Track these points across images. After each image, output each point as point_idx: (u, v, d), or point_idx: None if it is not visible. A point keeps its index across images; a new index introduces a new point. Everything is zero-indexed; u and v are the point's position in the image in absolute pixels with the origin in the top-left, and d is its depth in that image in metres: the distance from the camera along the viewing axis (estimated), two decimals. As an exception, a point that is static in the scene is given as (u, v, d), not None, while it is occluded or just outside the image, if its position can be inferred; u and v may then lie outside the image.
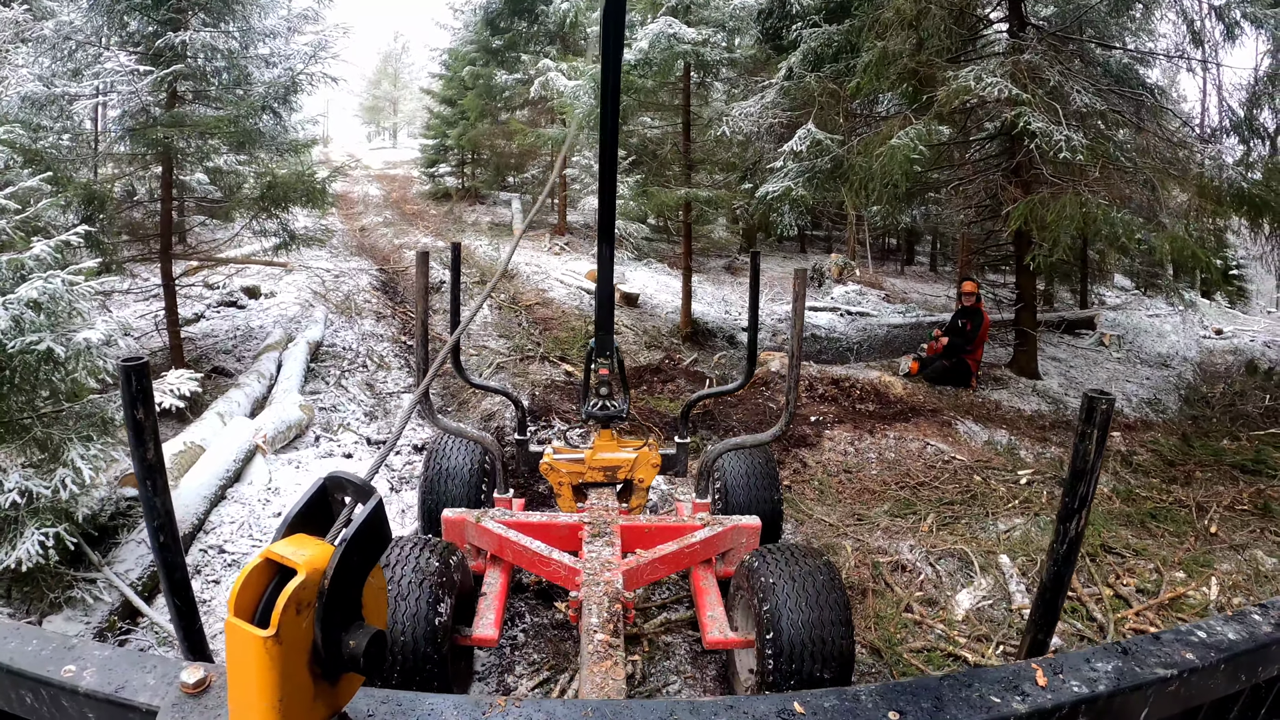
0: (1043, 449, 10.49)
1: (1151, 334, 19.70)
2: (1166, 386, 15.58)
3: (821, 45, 13.51)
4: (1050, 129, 10.62)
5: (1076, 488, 2.22)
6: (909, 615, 6.47)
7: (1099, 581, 7.08)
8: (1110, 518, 8.41)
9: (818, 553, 4.67)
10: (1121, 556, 7.63)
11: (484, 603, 4.89)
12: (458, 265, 6.10)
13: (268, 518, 7.23)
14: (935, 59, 12.05)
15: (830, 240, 29.48)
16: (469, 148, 29.21)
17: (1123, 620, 6.56)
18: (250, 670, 1.22)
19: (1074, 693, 1.38)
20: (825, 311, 18.53)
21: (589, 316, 15.07)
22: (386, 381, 11.51)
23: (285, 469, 8.22)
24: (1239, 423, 12.92)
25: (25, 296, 5.10)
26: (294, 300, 14.45)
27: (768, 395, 11.83)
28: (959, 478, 9.39)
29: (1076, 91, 11.50)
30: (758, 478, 6.37)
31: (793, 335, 4.79)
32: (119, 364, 2.05)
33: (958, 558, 7.39)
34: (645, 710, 1.35)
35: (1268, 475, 9.95)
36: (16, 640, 1.53)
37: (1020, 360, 14.49)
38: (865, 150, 12.07)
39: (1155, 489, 9.36)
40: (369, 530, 1.31)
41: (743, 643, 4.63)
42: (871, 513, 8.37)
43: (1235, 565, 7.54)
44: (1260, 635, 1.54)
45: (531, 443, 6.56)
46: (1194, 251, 10.83)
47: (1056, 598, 2.31)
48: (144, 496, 2.05)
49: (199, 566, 6.36)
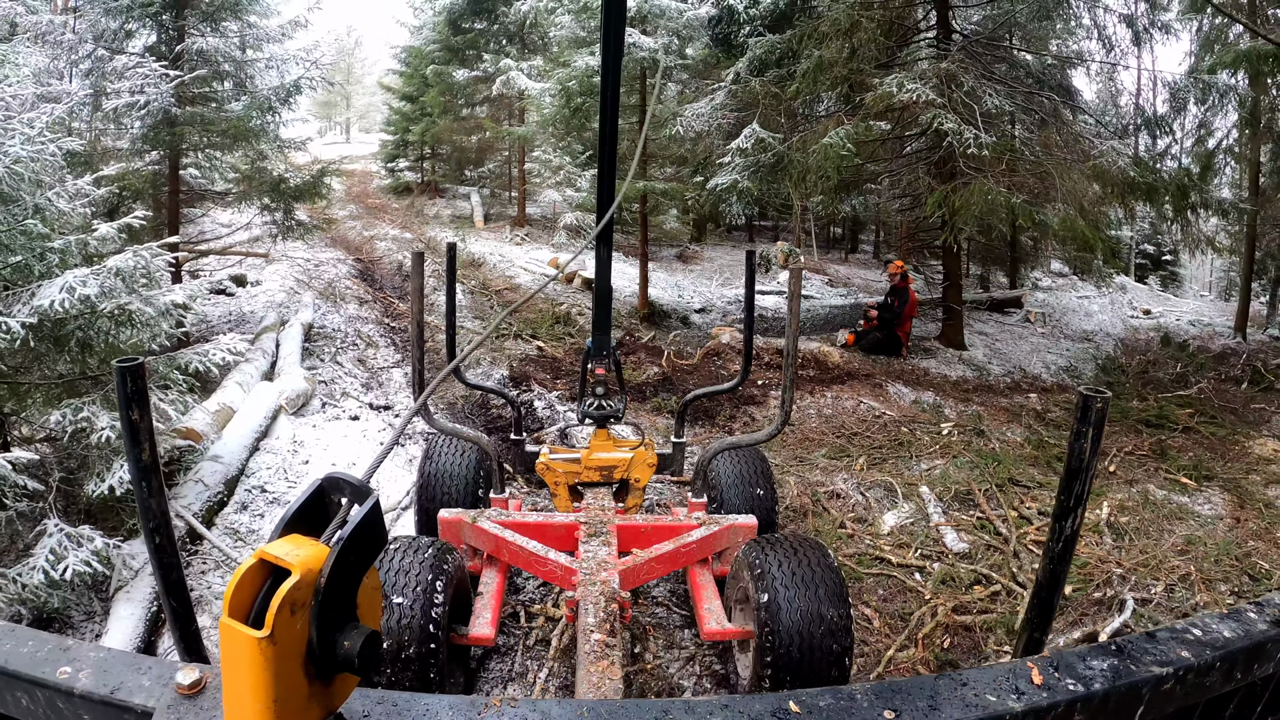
0: (965, 407, 10.88)
1: (1079, 313, 19.82)
2: (1086, 357, 15.78)
3: (766, 52, 13.74)
4: (962, 129, 11.14)
5: (1072, 486, 2.05)
6: (843, 530, 7.08)
7: (1005, 506, 7.66)
8: (1020, 459, 8.98)
9: (814, 542, 4.32)
10: (1027, 488, 8.18)
11: (480, 602, 4.51)
12: (453, 265, 5.59)
13: (298, 464, 7.67)
14: (865, 66, 12.50)
15: (777, 230, 28.63)
16: (432, 143, 27.94)
17: (1024, 535, 7.12)
18: (245, 671, 1.09)
19: (1070, 691, 1.27)
20: (771, 295, 18.26)
21: (554, 300, 15.05)
22: (376, 358, 11.56)
23: (303, 428, 8.56)
24: (1149, 387, 13.28)
25: (113, 267, 5.43)
26: (279, 288, 14.21)
27: (719, 365, 12.24)
28: (888, 429, 9.86)
29: (989, 95, 11.83)
30: (752, 477, 5.79)
31: (789, 335, 4.41)
32: (115, 365, 1.87)
33: (885, 488, 7.95)
34: (641, 710, 1.22)
35: (1169, 429, 10.50)
36: (11, 642, 1.38)
37: (948, 333, 14.68)
38: (803, 147, 12.49)
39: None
40: (365, 531, 1.18)
41: (740, 633, 4.32)
42: (811, 455, 8.79)
43: (1127, 495, 8.11)
44: (1256, 633, 1.44)
45: (528, 442, 6.03)
46: (1083, 230, 11.47)
47: (1052, 596, 2.14)
48: (140, 498, 1.87)
49: (245, 503, 6.81)
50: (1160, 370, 14.71)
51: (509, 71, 18.61)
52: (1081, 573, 6.55)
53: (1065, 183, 11.70)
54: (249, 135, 11.43)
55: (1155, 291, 27.90)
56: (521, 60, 20.77)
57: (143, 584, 5.34)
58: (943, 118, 11.29)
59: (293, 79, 12.04)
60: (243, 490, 6.98)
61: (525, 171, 23.43)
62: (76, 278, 5.13)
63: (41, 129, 5.62)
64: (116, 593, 5.29)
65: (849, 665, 3.91)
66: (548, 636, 5.22)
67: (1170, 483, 8.58)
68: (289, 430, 8.27)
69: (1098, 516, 7.51)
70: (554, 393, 10.34)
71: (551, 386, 10.63)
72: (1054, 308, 19.96)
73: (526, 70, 19.19)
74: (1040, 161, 11.95)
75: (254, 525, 6.55)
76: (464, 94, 25.56)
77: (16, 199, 5.42)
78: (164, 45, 11.06)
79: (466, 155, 27.83)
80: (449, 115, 25.75)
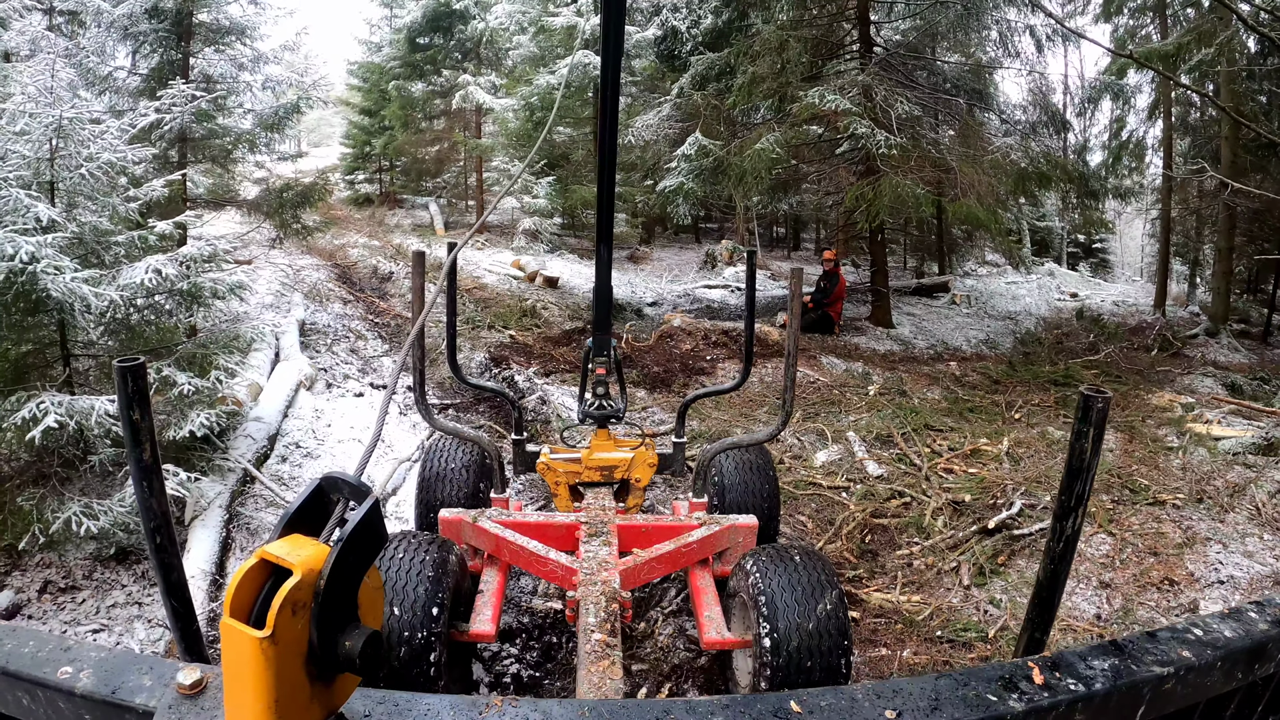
0: (890, 374, 11.08)
1: (1006, 297, 19.59)
2: (1006, 332, 15.81)
3: (706, 68, 13.89)
4: (875, 132, 11.48)
5: (1073, 486, 1.85)
6: (782, 465, 7.40)
7: (919, 444, 8.07)
8: (936, 412, 9.33)
9: (815, 553, 3.88)
10: (939, 431, 8.56)
11: (481, 600, 4.05)
12: (454, 269, 4.99)
13: (321, 427, 8.01)
14: (793, 80, 12.61)
15: (722, 230, 27.54)
16: (393, 155, 26.50)
17: (934, 465, 7.54)
18: (246, 671, 0.97)
19: (1070, 691, 1.15)
20: (718, 289, 17.98)
21: (520, 295, 14.79)
22: (366, 349, 11.41)
23: (319, 400, 8.83)
24: (1061, 354, 13.48)
25: (187, 254, 5.89)
26: (267, 290, 13.82)
27: (672, 345, 12.24)
28: (821, 392, 10.18)
29: (901, 102, 12.03)
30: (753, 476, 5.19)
31: (790, 334, 4.02)
32: (116, 365, 1.68)
33: (817, 434, 8.32)
34: (642, 710, 1.10)
35: (1073, 385, 10.70)
36: (12, 641, 1.23)
37: (877, 314, 14.74)
38: (740, 152, 12.59)
39: (978, 396, 10.22)
40: (365, 531, 1.05)
41: (740, 643, 3.87)
42: (755, 412, 9.10)
43: (1027, 434, 8.46)
44: (1256, 633, 1.32)
45: (528, 442, 5.40)
46: (976, 213, 11.92)
47: (1053, 596, 1.93)
48: (140, 498, 1.68)
49: (285, 456, 7.22)
50: (1074, 341, 14.88)
51: (467, 86, 18.20)
52: (980, 487, 6.96)
53: (965, 175, 11.99)
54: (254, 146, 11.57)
55: (1085, 277, 26.99)
56: (479, 75, 20.23)
57: (214, 514, 5.75)
58: (858, 124, 11.55)
59: (289, 100, 11.91)
60: (280, 446, 7.34)
61: (483, 180, 22.46)
62: (159, 261, 5.55)
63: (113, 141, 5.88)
64: (193, 521, 5.62)
65: (849, 674, 3.54)
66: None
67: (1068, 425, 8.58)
68: (309, 403, 8.50)
69: (999, 449, 7.90)
70: (530, 369, 10.51)
71: (526, 365, 10.74)
72: (982, 292, 19.80)
73: (484, 85, 18.77)
74: (944, 158, 12.27)
75: (293, 473, 6.95)
76: (423, 108, 24.40)
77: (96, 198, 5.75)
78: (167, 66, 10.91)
79: (424, 167, 26.05)
80: (410, 129, 24.53)
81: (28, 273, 4.76)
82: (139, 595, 5.08)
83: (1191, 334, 15.00)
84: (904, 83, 12.93)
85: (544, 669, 4.70)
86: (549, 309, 14.15)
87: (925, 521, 6.39)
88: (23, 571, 5.08)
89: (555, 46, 14.76)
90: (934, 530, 6.27)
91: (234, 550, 5.64)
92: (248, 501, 6.26)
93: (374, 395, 9.32)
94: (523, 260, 17.00)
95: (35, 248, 4.75)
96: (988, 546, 5.98)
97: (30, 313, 5.19)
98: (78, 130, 5.47)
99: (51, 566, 5.11)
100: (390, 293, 14.07)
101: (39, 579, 5.01)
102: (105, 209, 5.76)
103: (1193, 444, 8.06)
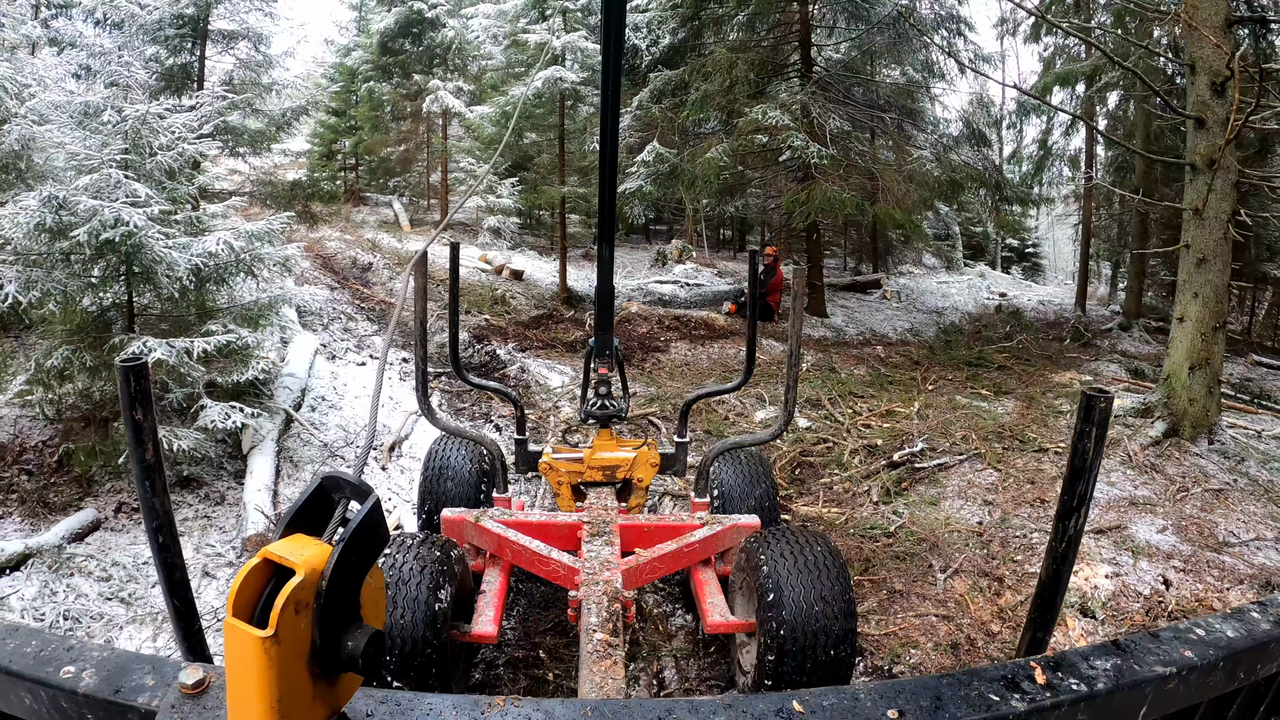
0: (823, 356, 11.38)
1: (937, 294, 19.22)
2: (931, 324, 15.79)
3: (664, 84, 13.82)
4: (809, 145, 11.77)
5: (1075, 486, 1.67)
6: (726, 421, 8.05)
7: (843, 406, 8.60)
8: (860, 384, 9.82)
9: (818, 534, 3.52)
10: (861, 397, 9.07)
11: (483, 600, 3.64)
12: (456, 266, 4.51)
13: (340, 385, 8.15)
14: (740, 96, 12.69)
15: (671, 231, 26.55)
16: (361, 154, 24.72)
17: (855, 421, 8.06)
18: (249, 670, 0.87)
19: (1073, 691, 1.05)
20: (669, 284, 17.53)
21: (491, 286, 14.51)
22: (358, 330, 11.08)
23: (333, 367, 8.88)
24: (978, 342, 13.66)
25: (249, 230, 6.11)
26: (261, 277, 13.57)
27: (631, 328, 12.38)
28: (762, 368, 10.37)
29: (833, 119, 12.29)
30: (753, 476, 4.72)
31: (792, 334, 3.63)
32: (118, 365, 1.51)
33: (756, 398, 8.77)
34: (644, 709, 0.99)
35: (985, 366, 11.16)
36: (15, 641, 1.09)
37: (812, 304, 14.66)
38: (692, 160, 12.69)
39: (898, 374, 10.61)
40: (367, 530, 0.94)
41: (743, 625, 3.51)
42: (704, 382, 9.47)
43: (936, 400, 8.93)
44: (1259, 633, 1.20)
45: (530, 442, 4.89)
46: (893, 215, 12.31)
47: (1055, 596, 1.73)
48: (143, 498, 1.52)
49: (314, 405, 7.40)
50: (992, 331, 14.97)
51: (437, 91, 17.76)
52: (891, 435, 7.58)
53: (886, 183, 12.23)
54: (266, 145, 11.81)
55: (1017, 279, 25.89)
56: (446, 80, 19.56)
57: (268, 445, 6.01)
58: (795, 137, 11.74)
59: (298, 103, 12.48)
60: (308, 399, 7.54)
61: (448, 180, 21.32)
62: (228, 235, 5.86)
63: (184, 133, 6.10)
64: (250, 450, 5.92)
65: (852, 660, 3.25)
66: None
67: (974, 394, 9.35)
68: (325, 367, 8.62)
69: (910, 410, 8.42)
70: (508, 345, 10.74)
71: (504, 342, 10.90)
72: (913, 290, 19.53)
73: (451, 90, 18.25)
74: (870, 168, 12.46)
75: (321, 419, 7.17)
76: (392, 109, 23.17)
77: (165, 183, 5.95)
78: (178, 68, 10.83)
79: (390, 166, 24.62)
80: (379, 130, 23.31)
81: (136, 238, 5.10)
82: (205, 511, 5.42)
83: (1106, 328, 15.05)
84: (841, 100, 13.03)
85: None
86: (516, 298, 14.08)
87: (844, 459, 6.97)
88: (95, 496, 5.36)
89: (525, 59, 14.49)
90: (850, 465, 6.86)
91: (282, 475, 5.94)
92: (288, 440, 6.57)
93: (371, 363, 9.35)
94: (489, 255, 16.69)
95: (141, 219, 5.08)
96: (893, 476, 6.58)
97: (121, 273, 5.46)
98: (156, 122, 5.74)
99: (122, 491, 5.37)
100: (372, 281, 13.81)
101: (113, 501, 5.29)
102: (173, 191, 6.01)
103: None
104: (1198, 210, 6.93)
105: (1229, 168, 6.80)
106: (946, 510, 5.99)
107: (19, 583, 4.29)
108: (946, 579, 4.99)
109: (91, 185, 5.17)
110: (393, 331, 3.91)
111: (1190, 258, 7.09)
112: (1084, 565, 5.11)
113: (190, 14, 10.55)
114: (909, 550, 5.33)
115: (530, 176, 17.45)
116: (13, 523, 4.92)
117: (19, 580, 4.31)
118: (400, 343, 10.04)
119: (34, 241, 5.24)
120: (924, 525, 5.67)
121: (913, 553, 5.29)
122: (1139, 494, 6.24)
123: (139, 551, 4.76)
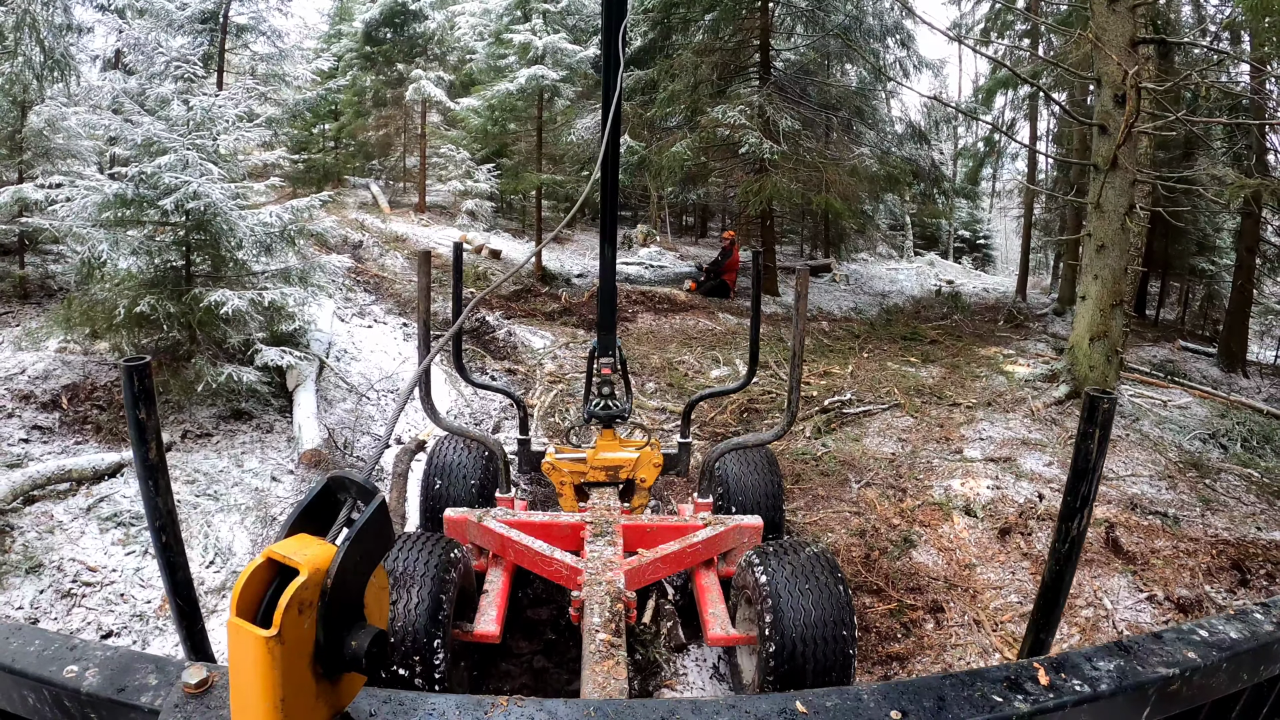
0: (774, 329, 11.40)
1: (885, 280, 18.81)
2: (875, 305, 15.67)
3: (634, 83, 13.67)
4: (762, 141, 11.90)
5: (1078, 487, 1.52)
6: (686, 377, 8.37)
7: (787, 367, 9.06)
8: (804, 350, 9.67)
9: (820, 548, 3.19)
10: (806, 362, 9.33)
11: (485, 600, 3.31)
12: (459, 266, 4.05)
13: (358, 341, 8.31)
14: (703, 96, 12.74)
15: (635, 217, 25.49)
16: (341, 138, 22.98)
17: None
18: (252, 670, 0.78)
19: (1076, 692, 0.95)
20: (634, 266, 17.23)
21: (472, 264, 13.98)
22: (358, 299, 10.73)
23: (349, 327, 8.97)
24: (916, 320, 13.70)
25: (291, 205, 6.40)
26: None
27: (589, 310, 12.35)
28: (717, 336, 10.85)
29: (785, 118, 12.28)
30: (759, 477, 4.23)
31: (795, 333, 3.22)
32: (123, 364, 1.35)
33: (713, 359, 9.18)
34: (647, 709, 0.90)
35: (918, 340, 11.31)
36: (18, 640, 0.98)
37: (766, 284, 14.61)
38: (659, 153, 12.68)
39: (840, 344, 10.80)
40: (371, 530, 0.85)
41: (744, 639, 3.16)
42: (667, 348, 9.74)
43: (869, 365, 9.24)
44: (1262, 634, 1.09)
45: (534, 442, 4.51)
46: (836, 207, 12.49)
47: (1058, 596, 1.58)
48: (146, 497, 1.36)
49: (339, 358, 7.53)
50: (931, 312, 14.95)
51: (419, 80, 17.22)
52: (825, 388, 7.98)
53: (830, 177, 12.36)
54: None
55: (967, 268, 24.50)
56: (428, 70, 18.85)
57: (309, 383, 6.17)
58: (750, 134, 11.85)
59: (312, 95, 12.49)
60: (336, 350, 7.76)
61: (427, 164, 20.22)
62: (279, 209, 6.24)
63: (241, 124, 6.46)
64: (296, 388, 6.12)
65: (853, 671, 2.94)
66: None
67: (904, 361, 9.59)
68: (343, 328, 8.76)
69: (845, 371, 8.81)
70: (495, 314, 10.75)
71: (490, 312, 10.94)
72: (864, 275, 19.09)
73: (432, 79, 17.65)
74: (816, 162, 12.53)
75: (346, 368, 7.33)
76: (374, 96, 21.67)
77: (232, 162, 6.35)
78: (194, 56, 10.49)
79: (369, 150, 23.15)
80: (361, 115, 21.86)
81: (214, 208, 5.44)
82: (258, 438, 5.60)
83: (1041, 313, 15.07)
84: (796, 99, 12.98)
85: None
86: (496, 274, 13.78)
87: (784, 406, 7.09)
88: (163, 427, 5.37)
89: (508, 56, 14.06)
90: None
91: (320, 410, 6.07)
92: (321, 383, 6.77)
93: (383, 326, 9.49)
94: (469, 235, 16.34)
95: (219, 193, 5.46)
96: (824, 418, 7.09)
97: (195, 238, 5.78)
98: (217, 111, 6.03)
99: (185, 422, 5.56)
100: (364, 257, 13.65)
101: (179, 430, 5.46)
102: (231, 170, 6.25)
103: (995, 374, 8.78)
104: (1097, 204, 7.11)
105: (1125, 168, 6.94)
106: (866, 445, 6.48)
107: (118, 485, 4.62)
108: (860, 488, 5.55)
109: (167, 165, 5.40)
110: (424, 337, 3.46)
111: (1091, 245, 7.25)
112: (971, 479, 5.62)
113: (210, 8, 10.72)
114: (832, 469, 5.88)
115: (508, 164, 17.09)
116: (92, 448, 5.11)
117: (118, 483, 4.64)
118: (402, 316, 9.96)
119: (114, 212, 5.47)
120: (846, 454, 6.20)
121: (835, 471, 5.85)
122: (1033, 438, 6.54)
123: (214, 463, 5.08)
